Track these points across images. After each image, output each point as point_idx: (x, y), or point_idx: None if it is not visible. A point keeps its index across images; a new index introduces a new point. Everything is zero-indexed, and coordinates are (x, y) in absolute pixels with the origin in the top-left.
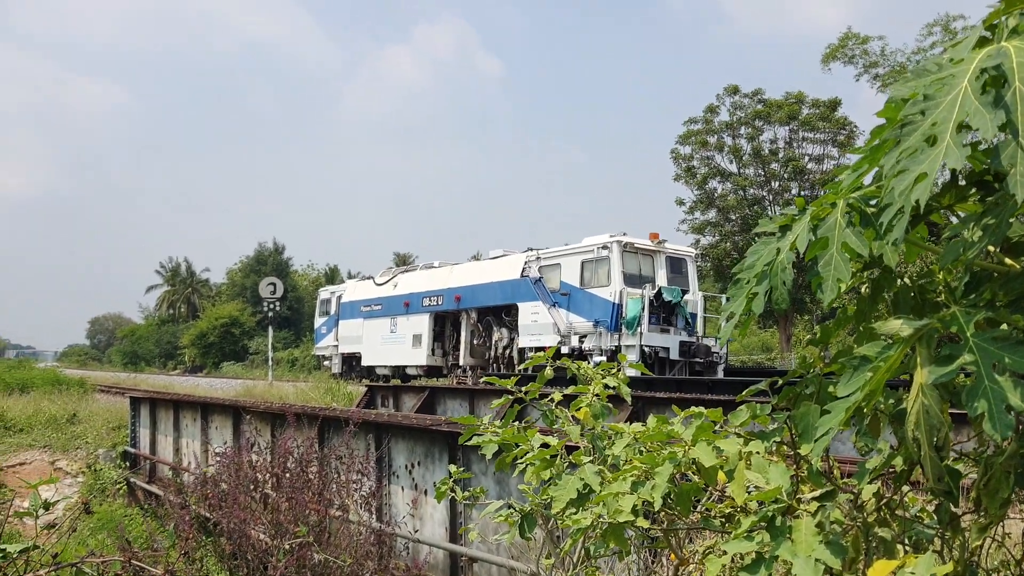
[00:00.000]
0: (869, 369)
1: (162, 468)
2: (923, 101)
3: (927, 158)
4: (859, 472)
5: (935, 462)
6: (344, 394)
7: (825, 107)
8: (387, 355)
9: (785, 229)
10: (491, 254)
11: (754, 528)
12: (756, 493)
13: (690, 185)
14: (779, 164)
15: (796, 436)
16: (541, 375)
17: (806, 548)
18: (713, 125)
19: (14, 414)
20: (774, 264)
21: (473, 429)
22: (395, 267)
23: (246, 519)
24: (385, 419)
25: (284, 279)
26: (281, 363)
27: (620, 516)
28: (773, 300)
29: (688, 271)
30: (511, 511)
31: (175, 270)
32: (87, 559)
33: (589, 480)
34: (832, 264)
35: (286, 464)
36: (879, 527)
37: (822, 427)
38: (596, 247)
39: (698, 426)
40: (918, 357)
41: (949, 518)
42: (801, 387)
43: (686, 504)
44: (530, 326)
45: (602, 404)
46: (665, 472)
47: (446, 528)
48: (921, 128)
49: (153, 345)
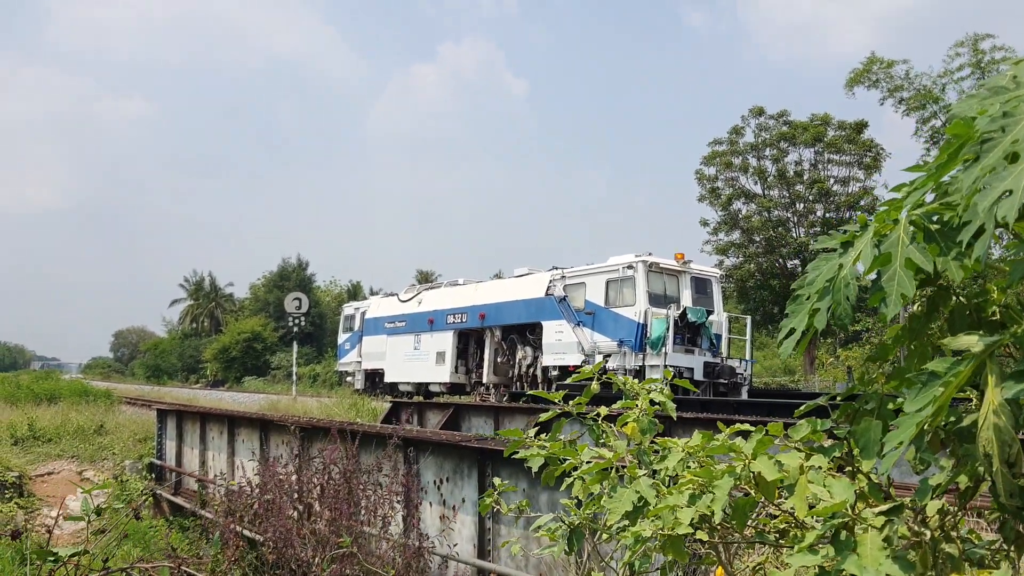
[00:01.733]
0: (940, 384)
1: (188, 480)
2: (1003, 118)
3: (1010, 175)
4: (921, 488)
5: (1007, 478)
6: (368, 409)
7: (851, 129)
8: (410, 372)
9: (847, 245)
10: (516, 272)
11: (818, 542)
12: (819, 508)
13: (714, 206)
14: (804, 186)
15: (857, 452)
16: (587, 390)
17: (874, 562)
18: (738, 146)
19: (43, 424)
20: (836, 280)
21: (519, 443)
22: (419, 284)
23: (290, 528)
24: (415, 435)
25: (307, 295)
26: (303, 378)
27: (680, 528)
28: (836, 316)
29: (713, 292)
30: (560, 525)
31: (199, 284)
32: (137, 564)
33: (645, 493)
34: (896, 279)
35: (330, 476)
36: (946, 543)
37: (890, 442)
38: (621, 266)
39: (759, 440)
40: (989, 373)
41: (1015, 536)
42: (861, 403)
43: (742, 518)
44: (554, 345)
45: (649, 419)
46: (726, 485)
47: (474, 545)
48: (1002, 145)
49: (176, 359)
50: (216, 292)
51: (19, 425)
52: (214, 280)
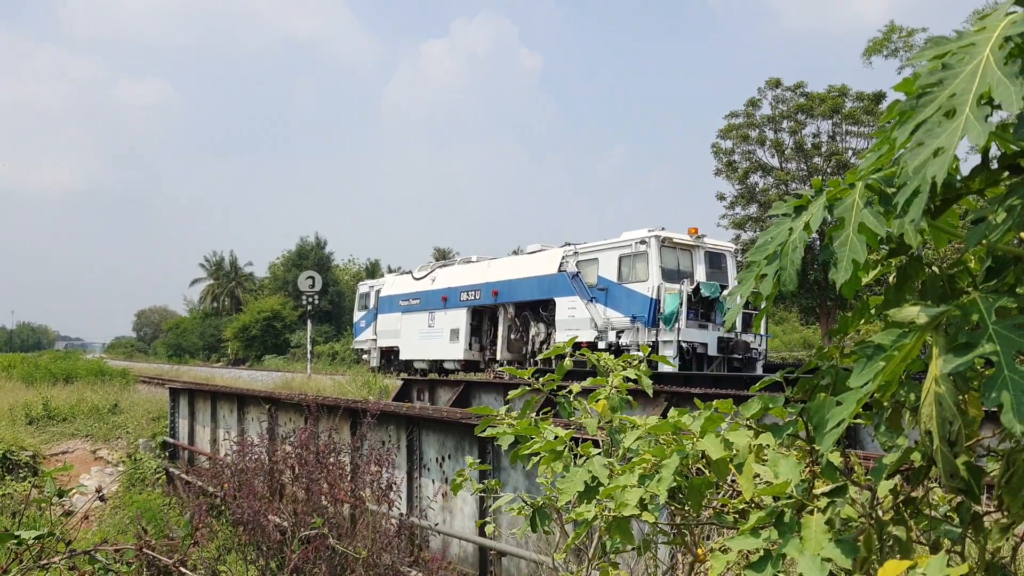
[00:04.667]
0: (883, 358)
1: (200, 458)
2: (941, 71)
3: (944, 131)
4: (876, 468)
5: (947, 457)
6: (380, 387)
7: (869, 100)
8: (425, 349)
9: (800, 210)
10: (528, 249)
11: (763, 524)
12: (764, 488)
13: (731, 180)
14: (822, 158)
15: (811, 429)
16: (560, 366)
17: (815, 546)
18: (755, 119)
19: (58, 403)
20: (785, 244)
21: (489, 420)
22: (434, 261)
23: (261, 508)
24: (416, 412)
25: (325, 274)
26: (322, 357)
27: (626, 510)
28: (781, 281)
29: (727, 266)
30: (523, 505)
31: (219, 264)
32: (101, 547)
33: (597, 472)
34: (848, 244)
35: (303, 455)
36: (894, 526)
37: (833, 419)
38: (634, 242)
39: (707, 417)
40: (934, 346)
41: (971, 517)
42: (817, 379)
43: (697, 499)
44: (567, 321)
45: (620, 397)
46: (671, 465)
47: (476, 521)
48: (938, 99)
49: (197, 338)
50: (236, 271)
51: (34, 405)
52: (234, 259)
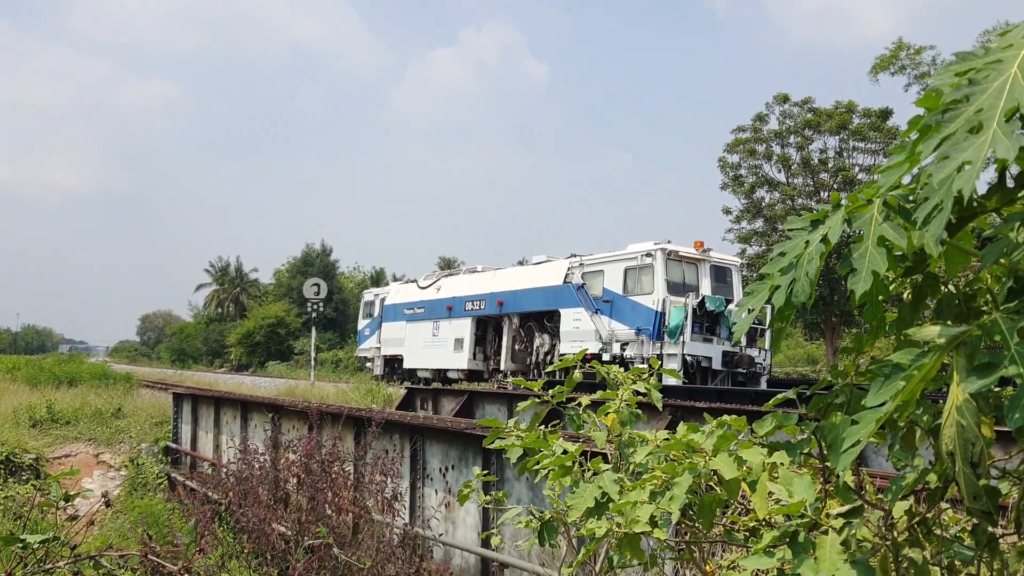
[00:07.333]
0: (902, 378)
1: (202, 464)
2: (968, 86)
3: (971, 146)
4: (891, 489)
5: (970, 479)
6: (384, 395)
7: (876, 116)
8: (429, 358)
9: (817, 224)
10: (534, 259)
11: (776, 544)
12: (778, 507)
13: (737, 194)
14: (828, 174)
15: (825, 448)
16: (570, 378)
17: (830, 567)
18: (761, 134)
19: (62, 407)
20: (801, 256)
21: (498, 432)
22: (439, 270)
23: (266, 517)
24: (420, 421)
25: (330, 281)
26: (325, 364)
27: (637, 526)
28: (795, 292)
29: (733, 280)
30: (531, 518)
31: (224, 269)
32: (105, 552)
33: (607, 488)
34: (867, 256)
35: (308, 463)
36: (910, 547)
37: (849, 439)
38: (640, 254)
39: (720, 435)
40: (954, 367)
41: (987, 539)
42: (831, 397)
43: (708, 517)
44: (572, 332)
45: (630, 411)
46: (684, 482)
47: (478, 532)
48: (965, 115)
49: (201, 343)
50: (241, 277)
51: (38, 407)
52: (240, 265)
